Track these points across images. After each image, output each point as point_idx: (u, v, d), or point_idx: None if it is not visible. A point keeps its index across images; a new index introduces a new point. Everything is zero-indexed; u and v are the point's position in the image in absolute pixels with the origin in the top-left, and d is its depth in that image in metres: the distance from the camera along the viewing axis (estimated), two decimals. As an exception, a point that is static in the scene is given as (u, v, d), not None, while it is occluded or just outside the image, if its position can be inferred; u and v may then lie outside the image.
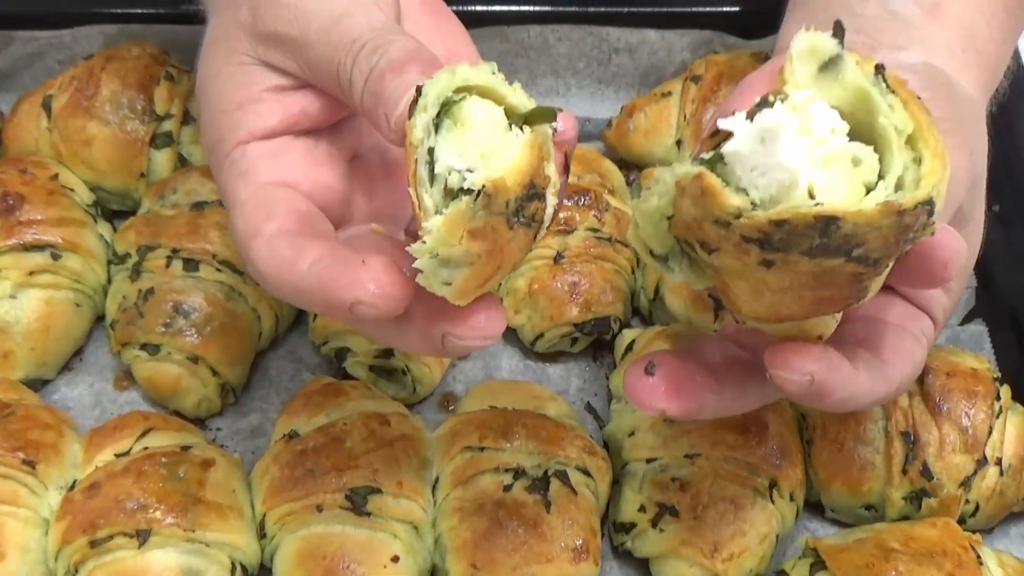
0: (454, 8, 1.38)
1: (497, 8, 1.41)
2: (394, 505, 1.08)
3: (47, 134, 1.30)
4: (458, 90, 0.75)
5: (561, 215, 1.24)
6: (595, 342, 1.28)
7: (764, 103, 0.71)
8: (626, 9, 1.42)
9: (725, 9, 1.42)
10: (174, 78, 1.32)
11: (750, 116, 0.70)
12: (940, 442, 1.12)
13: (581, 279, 1.24)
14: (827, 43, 0.72)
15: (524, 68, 1.44)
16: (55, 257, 1.21)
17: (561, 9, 1.41)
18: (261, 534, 1.10)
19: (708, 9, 1.42)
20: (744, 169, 0.70)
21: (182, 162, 1.32)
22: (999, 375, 1.17)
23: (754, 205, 0.70)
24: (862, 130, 0.72)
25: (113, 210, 1.33)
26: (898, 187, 0.69)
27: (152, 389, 1.20)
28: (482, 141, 0.74)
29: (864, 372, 0.84)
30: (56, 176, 1.27)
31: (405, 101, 0.76)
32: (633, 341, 1.22)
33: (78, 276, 1.22)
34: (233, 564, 1.08)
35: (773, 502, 1.11)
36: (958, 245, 0.76)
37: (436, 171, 0.74)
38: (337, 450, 1.09)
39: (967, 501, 1.13)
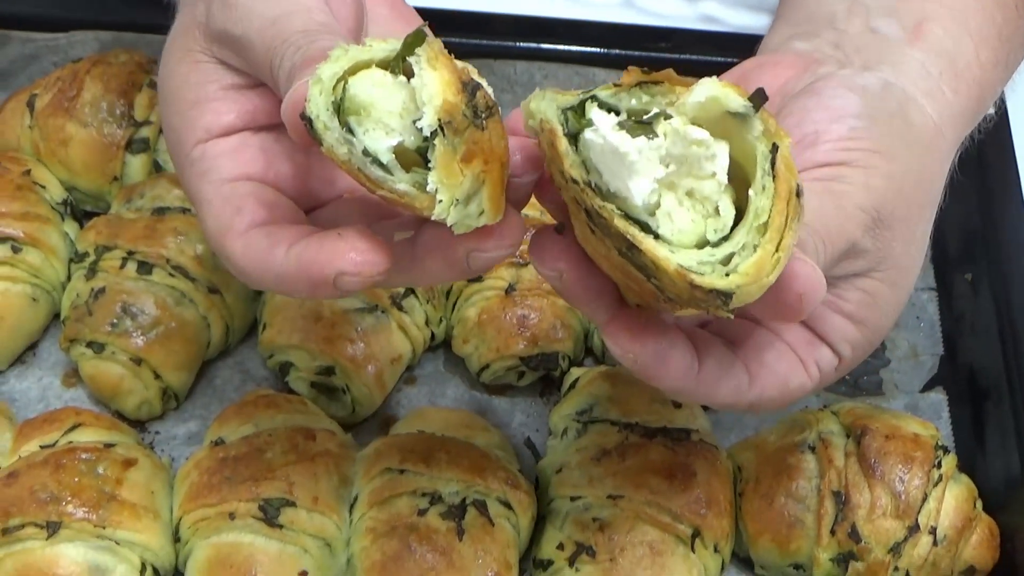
0: (441, 38, 1.40)
1: (484, 42, 1.41)
2: (307, 520, 1.07)
3: (28, 132, 1.33)
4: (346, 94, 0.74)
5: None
6: (544, 378, 1.27)
7: (649, 121, 0.70)
8: (614, 51, 1.42)
9: (711, 59, 1.41)
10: (157, 86, 1.34)
11: (628, 120, 0.70)
12: (871, 505, 1.09)
13: (531, 313, 1.23)
14: (734, 102, 0.71)
15: (510, 103, 1.44)
16: (15, 250, 1.23)
17: (548, 47, 1.41)
18: (176, 538, 1.10)
19: (694, 57, 1.42)
20: (596, 154, 0.70)
21: (157, 169, 1.34)
22: (946, 444, 1.15)
23: (591, 184, 0.70)
24: (736, 180, 0.71)
25: (87, 211, 1.35)
26: (726, 261, 0.69)
27: (95, 387, 1.21)
28: (392, 104, 0.73)
29: (706, 374, 0.82)
30: (28, 172, 1.29)
31: (296, 93, 0.77)
32: (576, 380, 1.21)
33: (37, 271, 1.24)
34: (144, 565, 1.08)
35: (694, 551, 1.09)
36: (815, 277, 0.74)
37: (384, 161, 0.74)
38: (257, 460, 1.09)
39: (896, 568, 1.09)
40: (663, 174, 0.69)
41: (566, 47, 1.42)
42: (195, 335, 1.22)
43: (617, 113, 0.71)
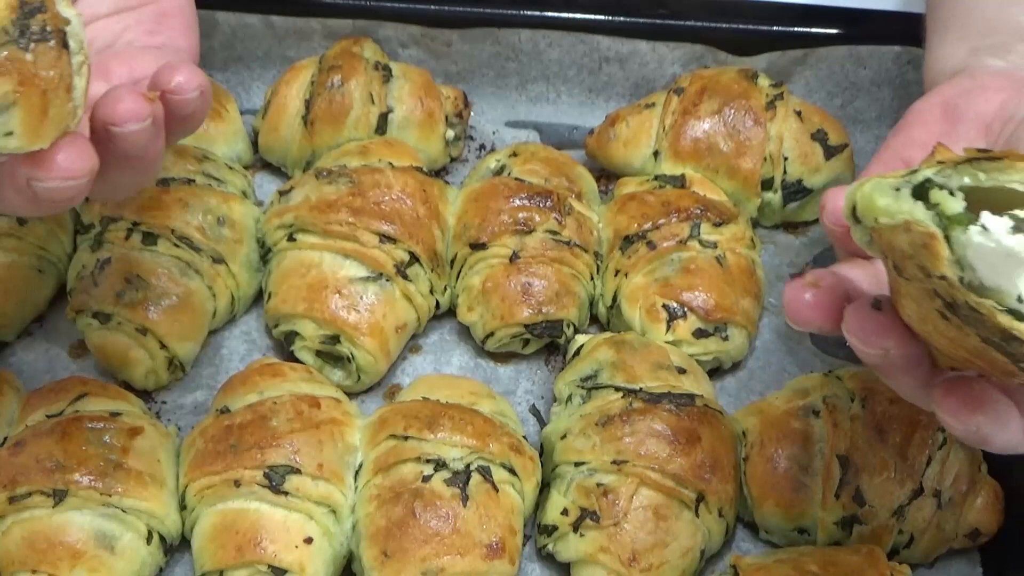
0: (445, 8, 1.40)
1: (488, 11, 1.41)
2: (312, 487, 1.07)
3: (34, 105, 1.33)
4: None
5: (520, 215, 1.24)
6: (549, 345, 1.27)
7: None
8: (620, 18, 1.41)
9: (718, 25, 1.41)
10: (161, 58, 1.34)
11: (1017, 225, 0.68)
12: (875, 468, 1.09)
13: (535, 280, 1.23)
14: None
15: (515, 72, 1.44)
16: (21, 222, 1.23)
17: (551, 15, 1.41)
18: (182, 506, 1.11)
19: (702, 24, 1.41)
20: (972, 252, 0.68)
21: (162, 141, 1.34)
22: (951, 407, 1.14)
23: (961, 280, 0.68)
24: None
25: (92, 183, 1.35)
26: None
27: (102, 358, 1.21)
28: None
29: None
30: (33, 145, 1.29)
31: None
32: (581, 347, 1.21)
33: (43, 243, 1.24)
34: (150, 532, 1.08)
35: (699, 516, 1.09)
36: None
37: None
38: (262, 427, 1.09)
39: (900, 531, 1.10)
40: None
41: (570, 15, 1.41)
42: (200, 305, 1.22)
43: (952, 193, 0.69)
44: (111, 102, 0.80)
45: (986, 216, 0.68)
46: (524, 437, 1.15)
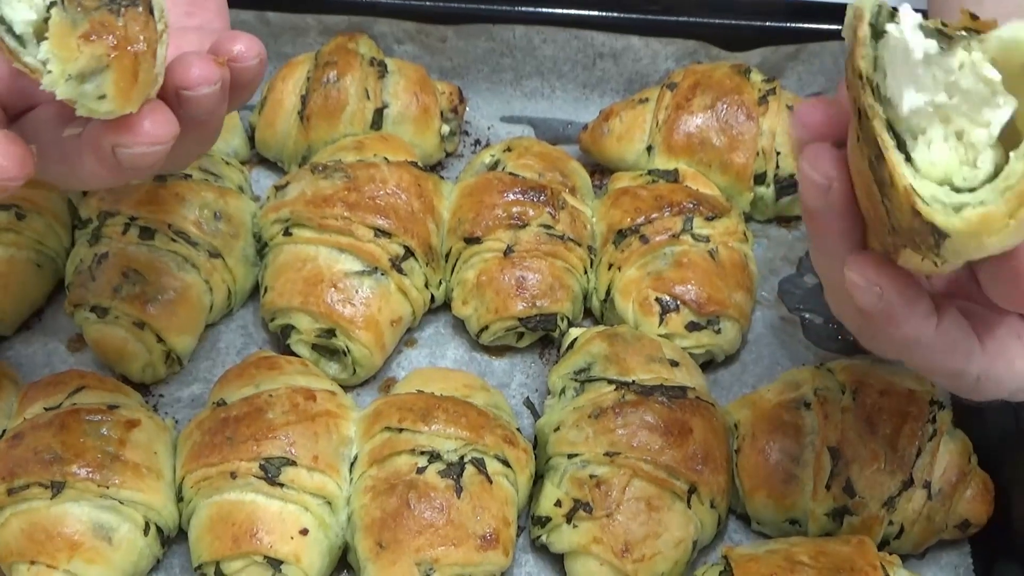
0: (440, 4, 1.41)
1: (483, 7, 1.42)
2: (308, 478, 1.08)
3: (32, 100, 1.34)
4: None
5: (514, 209, 1.25)
6: (543, 339, 1.28)
7: (951, 36, 0.70)
8: (613, 14, 1.42)
9: (711, 21, 1.42)
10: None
11: (932, 29, 0.69)
12: (866, 460, 1.10)
13: (529, 274, 1.24)
14: None
15: (510, 67, 1.45)
16: (19, 217, 1.24)
17: (545, 11, 1.42)
18: (179, 497, 1.12)
19: (695, 19, 1.42)
20: (889, 51, 0.70)
21: (159, 136, 1.35)
22: (941, 400, 1.15)
23: (872, 83, 0.70)
24: (1009, 142, 0.70)
25: (90, 178, 1.36)
26: (959, 208, 0.68)
27: (99, 351, 1.22)
28: None
29: (943, 331, 0.80)
30: (31, 140, 1.30)
31: None
32: (575, 340, 1.22)
33: (41, 237, 1.25)
34: (147, 524, 1.09)
35: (691, 507, 1.10)
36: None
37: (19, 32, 0.75)
38: (258, 420, 1.10)
39: (891, 522, 1.11)
40: (942, 100, 0.68)
41: (563, 11, 1.42)
42: (197, 299, 1.23)
43: (925, 29, 0.70)
44: (183, 67, 0.82)
45: (904, 8, 0.70)
46: (518, 429, 1.16)
